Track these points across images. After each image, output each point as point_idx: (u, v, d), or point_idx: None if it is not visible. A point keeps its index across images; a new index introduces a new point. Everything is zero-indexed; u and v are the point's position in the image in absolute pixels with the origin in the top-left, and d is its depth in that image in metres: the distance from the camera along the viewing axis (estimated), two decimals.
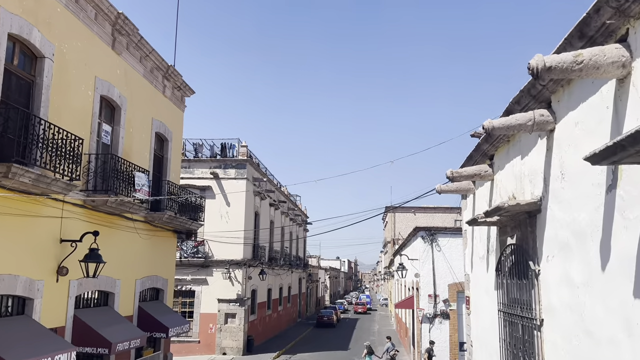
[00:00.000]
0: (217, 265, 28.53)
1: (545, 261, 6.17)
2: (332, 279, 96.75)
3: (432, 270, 21.32)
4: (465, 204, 11.19)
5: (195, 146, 30.44)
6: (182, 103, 19.07)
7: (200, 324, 28.26)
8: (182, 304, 28.74)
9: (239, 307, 28.31)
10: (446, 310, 21.01)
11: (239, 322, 28.21)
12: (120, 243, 14.14)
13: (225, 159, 29.81)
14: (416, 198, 13.32)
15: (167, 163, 17.74)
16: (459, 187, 10.04)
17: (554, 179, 5.86)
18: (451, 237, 21.42)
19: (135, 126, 15.25)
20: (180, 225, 17.61)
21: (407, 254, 23.40)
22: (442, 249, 21.41)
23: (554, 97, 5.78)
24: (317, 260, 77.76)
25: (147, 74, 16.06)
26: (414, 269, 22.63)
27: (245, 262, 28.85)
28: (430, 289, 21.24)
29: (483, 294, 9.53)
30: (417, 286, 22.90)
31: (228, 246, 28.32)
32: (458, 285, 21.01)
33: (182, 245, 28.52)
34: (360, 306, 69.47)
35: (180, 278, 28.42)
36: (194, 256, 28.33)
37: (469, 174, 8.61)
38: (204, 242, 28.58)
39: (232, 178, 29.47)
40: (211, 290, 28.44)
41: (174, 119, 18.28)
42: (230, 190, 29.27)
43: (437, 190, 10.10)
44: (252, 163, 30.77)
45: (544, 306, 6.17)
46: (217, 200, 29.17)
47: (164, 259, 17.43)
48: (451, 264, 21.23)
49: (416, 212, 79.31)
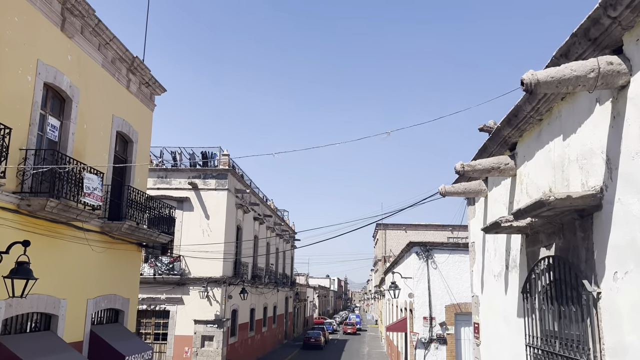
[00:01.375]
0: (194, 283, 26.33)
1: (610, 280, 4.27)
2: (321, 297, 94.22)
3: (427, 289, 19.35)
4: (473, 211, 9.29)
5: (173, 155, 28.43)
6: (152, 102, 17.14)
7: (175, 347, 25.94)
8: (155, 325, 26.44)
9: (217, 328, 26.05)
10: (443, 334, 19.00)
11: (217, 346, 25.93)
12: (67, 256, 12.07)
13: (205, 168, 27.80)
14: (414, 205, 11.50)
15: (132, 167, 15.73)
16: (468, 188, 8.16)
17: (626, 159, 3.99)
18: (449, 254, 19.51)
19: (91, 122, 13.28)
20: (145, 238, 15.55)
21: (400, 271, 21.45)
22: (438, 266, 19.47)
23: (630, 37, 3.92)
24: (305, 278, 75.33)
25: (107, 65, 14.14)
26: (408, 288, 20.64)
27: (225, 280, 26.68)
28: (425, 311, 19.24)
29: (500, 321, 7.59)
30: (410, 307, 20.89)
31: (207, 263, 26.18)
32: (456, 306, 19.05)
33: (156, 262, 26.34)
34: (349, 326, 66.82)
35: (154, 297, 26.21)
36: (169, 273, 26.12)
37: (485, 167, 6.74)
38: (180, 258, 26.41)
39: (212, 189, 27.44)
40: (187, 310, 26.18)
41: (140, 119, 16.33)
42: (210, 202, 27.22)
43: (440, 192, 8.21)
44: (235, 173, 28.78)
45: (609, 345, 4.25)
46: (195, 212, 27.09)
47: (126, 276, 15.33)
48: (448, 283, 19.29)
49: (407, 230, 77.62)
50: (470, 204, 9.53)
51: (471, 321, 20.32)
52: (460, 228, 53.17)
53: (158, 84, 16.97)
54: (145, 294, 26.24)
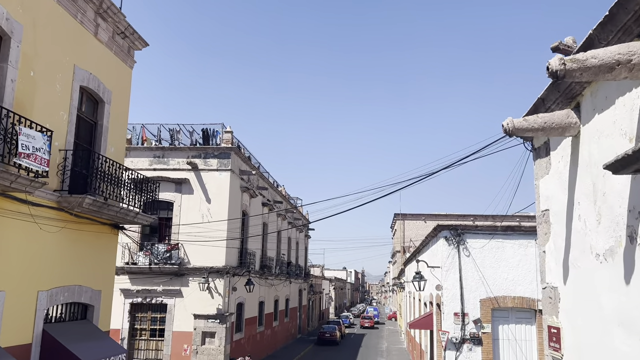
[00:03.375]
0: (194, 273, 23.74)
1: None
2: (337, 290, 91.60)
3: (458, 280, 16.43)
4: (546, 164, 6.36)
5: (171, 132, 25.80)
6: (130, 57, 14.41)
7: (173, 344, 23.41)
8: (151, 320, 23.93)
9: (219, 324, 23.43)
10: (478, 333, 16.08)
11: (219, 343, 23.32)
12: (5, 237, 9.43)
13: (206, 147, 25.11)
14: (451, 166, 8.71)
15: (103, 132, 13.04)
16: (550, 120, 5.30)
17: None
18: (483, 239, 16.55)
19: (42, 70, 10.59)
20: (120, 217, 12.88)
21: (425, 259, 18.55)
22: (471, 253, 16.52)
23: None
24: (320, 270, 72.70)
25: (66, 2, 11.42)
26: (434, 280, 17.75)
27: (228, 270, 24.03)
28: (456, 306, 16.34)
29: (612, 328, 4.69)
30: (438, 301, 17.98)
31: (208, 251, 23.55)
32: (493, 300, 16.10)
33: (151, 250, 23.79)
34: (367, 320, 64.01)
35: (149, 289, 23.71)
36: (165, 262, 23.56)
37: (605, 61, 3.83)
38: (178, 246, 23.81)
39: (214, 169, 24.74)
40: (186, 303, 23.61)
41: (115, 76, 13.62)
42: (211, 184, 24.55)
43: (507, 130, 5.35)
44: (239, 153, 26.05)
45: None
46: (195, 195, 24.46)
47: (96, 263, 12.69)
48: (484, 273, 16.34)
49: (427, 220, 74.47)
50: (540, 155, 6.60)
51: (511, 318, 17.45)
52: (483, 218, 50.02)
53: (137, 36, 14.23)
54: (140, 285, 23.76)
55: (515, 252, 16.30)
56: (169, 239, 24.23)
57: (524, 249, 16.28)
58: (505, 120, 5.37)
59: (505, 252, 16.36)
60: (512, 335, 16.16)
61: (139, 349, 23.69)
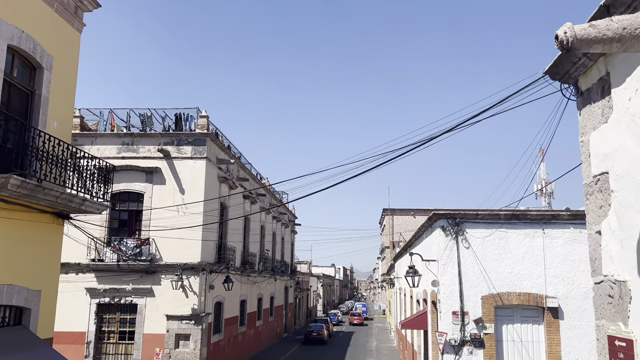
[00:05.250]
0: (167, 270, 21.73)
1: None
2: (325, 287, 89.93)
3: (457, 275, 14.63)
4: (605, 108, 4.50)
5: (142, 118, 23.72)
6: (77, 18, 12.37)
7: (144, 348, 21.40)
8: (120, 321, 21.89)
9: (194, 325, 21.46)
10: (479, 334, 14.31)
11: (194, 346, 21.36)
12: None
13: (179, 132, 23.07)
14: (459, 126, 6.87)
15: (42, 104, 11.02)
16: (633, 25, 3.39)
17: None
18: (485, 228, 14.77)
19: None
20: (61, 203, 10.87)
21: (419, 252, 16.75)
22: (471, 245, 14.74)
23: None
24: (307, 266, 70.85)
25: None
26: (430, 274, 15.95)
27: (204, 267, 22.06)
28: (454, 304, 14.54)
29: None
30: (433, 298, 16.20)
31: (182, 246, 21.57)
32: (496, 297, 14.35)
33: (119, 245, 21.74)
34: (356, 317, 62.58)
35: (117, 287, 21.68)
36: (135, 259, 21.52)
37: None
38: (149, 241, 21.78)
39: (188, 157, 22.72)
40: (158, 303, 21.61)
41: (58, 39, 11.59)
42: (185, 173, 22.54)
43: (564, 41, 3.48)
44: (216, 139, 24.04)
45: None
46: (168, 186, 22.42)
47: (34, 258, 10.69)
48: (485, 267, 14.57)
49: (416, 215, 73.02)
50: (592, 98, 4.78)
51: (516, 317, 15.70)
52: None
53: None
54: (108, 284, 21.72)
55: (521, 243, 14.55)
56: (139, 234, 22.19)
57: (530, 240, 14.54)
58: (561, 29, 3.53)
59: (510, 243, 14.60)
60: (517, 336, 14.42)
61: (107, 354, 21.65)
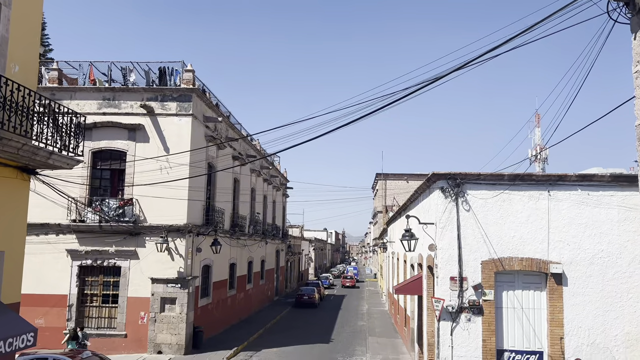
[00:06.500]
0: (151, 232, 20.83)
1: None
2: (317, 251, 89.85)
3: (456, 239, 13.81)
4: None
5: (123, 72, 22.36)
6: None
7: (128, 311, 20.70)
8: (103, 284, 21.11)
9: (180, 289, 20.71)
10: (478, 301, 13.59)
11: (181, 310, 20.66)
12: None
13: (163, 88, 21.76)
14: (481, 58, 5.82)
15: (1, 45, 9.80)
16: None
17: None
18: (487, 190, 13.87)
19: None
20: (23, 156, 9.78)
21: (416, 215, 15.87)
22: (472, 207, 13.86)
23: None
24: (299, 230, 70.42)
25: None
26: (427, 238, 15.11)
27: (190, 229, 21.16)
28: (453, 269, 13.76)
29: None
30: (430, 263, 15.44)
31: (167, 207, 20.64)
32: (497, 263, 13.58)
33: (101, 205, 20.74)
34: (348, 280, 63.38)
35: (100, 249, 20.82)
36: (118, 220, 20.56)
37: None
38: (132, 201, 20.78)
39: (173, 114, 21.52)
40: (142, 266, 20.79)
41: None
42: (170, 130, 21.38)
43: None
44: (202, 96, 22.77)
45: None
46: (151, 144, 21.30)
47: None
48: (486, 231, 13.76)
49: (409, 180, 72.46)
50: None
51: (517, 283, 14.92)
52: None
53: None
54: (89, 245, 20.85)
55: (525, 206, 13.69)
56: (122, 194, 21.17)
57: (534, 202, 13.67)
58: None
59: (513, 205, 13.74)
60: (518, 303, 13.72)
61: (90, 317, 20.95)
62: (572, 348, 13.21)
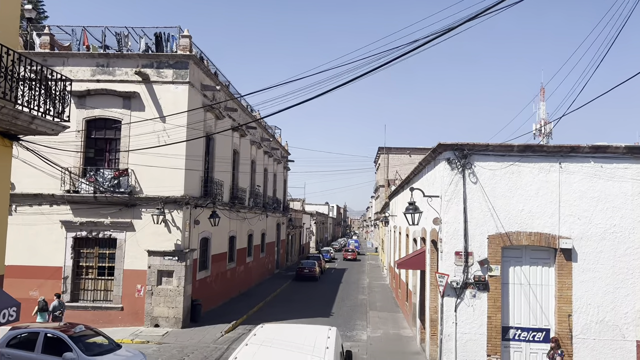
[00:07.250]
0: (148, 203, 20.32)
1: None
2: (318, 224, 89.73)
3: (462, 213, 13.23)
4: None
5: (118, 37, 21.51)
6: None
7: (124, 284, 20.33)
8: (99, 256, 20.70)
9: (177, 262, 20.30)
10: (484, 276, 13.09)
11: (178, 283, 20.29)
12: None
13: (159, 54, 20.95)
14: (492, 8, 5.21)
15: None
16: None
17: None
18: (496, 161, 13.24)
19: None
20: (3, 120, 9.16)
21: (420, 188, 15.27)
22: (479, 179, 13.25)
23: None
24: (301, 204, 70.05)
25: None
26: (432, 212, 14.54)
27: (188, 201, 20.63)
28: (458, 243, 13.23)
29: None
30: (434, 237, 14.90)
31: (164, 178, 20.07)
32: (504, 237, 13.04)
33: (96, 176, 20.18)
34: (349, 253, 64.10)
35: (95, 221, 20.34)
36: (113, 191, 20.03)
37: None
38: (127, 172, 20.21)
39: (169, 82, 20.77)
40: (139, 238, 20.34)
41: None
42: (166, 98, 20.66)
43: None
44: (200, 63, 21.96)
45: None
46: (147, 112, 20.59)
47: None
48: (494, 204, 13.17)
49: (412, 154, 71.61)
50: None
51: (525, 258, 14.36)
52: None
53: None
54: (84, 217, 20.36)
55: (535, 178, 13.07)
56: (117, 164, 20.58)
57: (545, 174, 13.05)
58: None
59: (522, 177, 13.12)
60: (525, 279, 13.21)
61: (86, 289, 20.61)
62: (580, 325, 12.76)
